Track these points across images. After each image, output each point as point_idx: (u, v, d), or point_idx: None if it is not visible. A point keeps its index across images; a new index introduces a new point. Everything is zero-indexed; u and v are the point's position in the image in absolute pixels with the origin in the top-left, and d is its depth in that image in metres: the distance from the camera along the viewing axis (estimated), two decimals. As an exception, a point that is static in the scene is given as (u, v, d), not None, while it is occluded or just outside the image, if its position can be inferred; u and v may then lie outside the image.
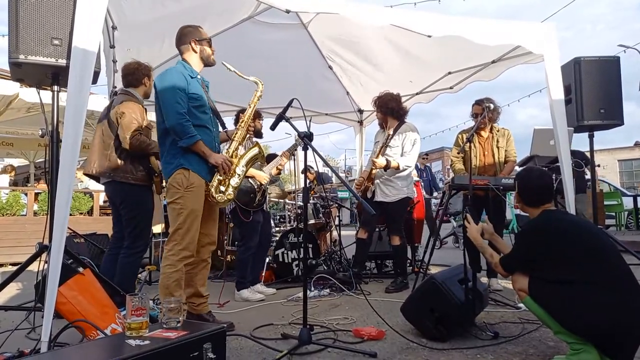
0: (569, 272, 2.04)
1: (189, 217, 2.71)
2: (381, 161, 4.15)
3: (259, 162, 3.67)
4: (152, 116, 3.06)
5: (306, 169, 2.72)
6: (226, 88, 3.80)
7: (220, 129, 3.12)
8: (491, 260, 2.47)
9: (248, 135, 3.03)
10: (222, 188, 2.85)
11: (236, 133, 3.02)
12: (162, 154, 2.84)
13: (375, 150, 4.47)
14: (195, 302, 2.93)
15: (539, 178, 2.37)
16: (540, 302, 2.13)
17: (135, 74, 3.44)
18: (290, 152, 4.53)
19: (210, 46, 2.94)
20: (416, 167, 6.20)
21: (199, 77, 2.89)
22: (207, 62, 2.95)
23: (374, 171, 4.33)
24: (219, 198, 2.83)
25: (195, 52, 2.89)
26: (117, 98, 3.44)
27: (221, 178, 2.83)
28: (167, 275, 2.67)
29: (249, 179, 4.03)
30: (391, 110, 4.34)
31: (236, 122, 3.94)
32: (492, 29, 3.39)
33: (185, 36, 2.90)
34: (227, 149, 3.01)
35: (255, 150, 3.04)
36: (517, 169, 4.07)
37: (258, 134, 4.33)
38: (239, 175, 2.94)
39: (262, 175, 4.10)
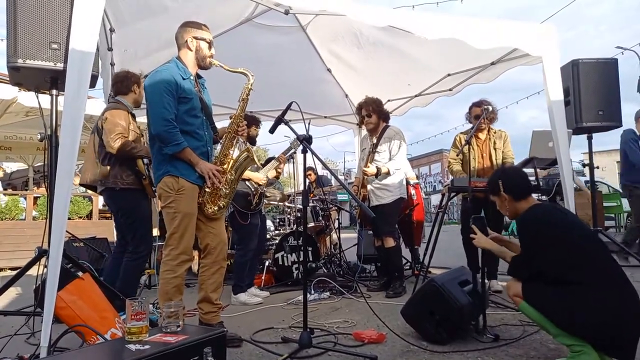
0: (563, 263, 2.07)
1: (184, 220, 2.58)
2: (372, 169, 4.19)
3: (255, 166, 3.64)
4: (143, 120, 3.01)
5: (305, 171, 2.72)
6: (222, 90, 3.77)
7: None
8: None
9: (240, 138, 2.91)
10: (213, 200, 2.72)
11: (225, 136, 2.83)
12: (152, 159, 2.73)
13: (363, 157, 4.50)
14: (204, 309, 2.73)
15: (518, 169, 2.39)
16: (535, 305, 2.13)
17: (124, 82, 3.44)
18: (289, 155, 4.52)
19: (210, 48, 2.75)
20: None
21: (192, 77, 2.70)
22: (202, 64, 2.74)
23: (367, 178, 4.35)
24: (210, 212, 2.71)
25: (191, 50, 2.70)
26: (104, 107, 3.45)
27: (209, 190, 2.69)
28: (167, 280, 2.55)
29: (246, 182, 4.02)
30: (375, 111, 4.34)
31: None
32: (488, 30, 3.36)
33: (185, 32, 2.71)
34: (215, 156, 2.84)
35: (244, 155, 2.87)
36: None
37: (252, 140, 4.32)
38: (230, 183, 2.79)
39: (258, 177, 4.09)
